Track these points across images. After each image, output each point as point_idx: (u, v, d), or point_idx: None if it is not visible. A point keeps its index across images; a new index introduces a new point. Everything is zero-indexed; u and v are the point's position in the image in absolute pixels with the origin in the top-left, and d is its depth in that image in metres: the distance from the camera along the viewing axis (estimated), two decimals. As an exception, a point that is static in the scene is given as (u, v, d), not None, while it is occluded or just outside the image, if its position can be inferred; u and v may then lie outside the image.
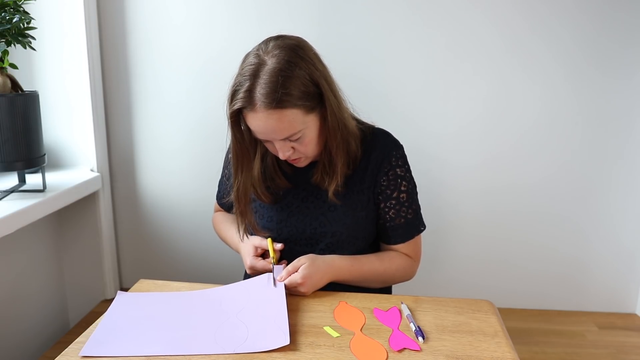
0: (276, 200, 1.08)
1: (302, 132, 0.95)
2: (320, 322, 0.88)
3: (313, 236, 1.06)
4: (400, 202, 1.08)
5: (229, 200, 1.15)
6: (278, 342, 0.78)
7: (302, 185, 1.08)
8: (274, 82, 0.89)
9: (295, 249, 1.07)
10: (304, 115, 0.93)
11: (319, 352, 0.79)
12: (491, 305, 0.96)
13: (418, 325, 0.85)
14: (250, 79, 0.91)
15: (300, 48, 0.95)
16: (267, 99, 0.89)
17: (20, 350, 1.53)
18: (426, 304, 0.95)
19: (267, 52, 0.93)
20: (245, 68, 0.93)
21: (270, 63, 0.91)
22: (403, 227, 1.09)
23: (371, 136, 1.08)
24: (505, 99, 1.68)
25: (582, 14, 1.60)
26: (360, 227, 1.07)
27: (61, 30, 1.60)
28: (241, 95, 0.91)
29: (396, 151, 1.08)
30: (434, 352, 0.80)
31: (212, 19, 1.67)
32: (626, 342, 1.62)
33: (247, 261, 1.06)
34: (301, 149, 0.98)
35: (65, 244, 1.75)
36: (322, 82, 0.95)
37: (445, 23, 1.63)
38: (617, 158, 1.71)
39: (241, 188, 1.04)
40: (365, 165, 1.06)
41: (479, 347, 0.81)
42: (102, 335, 0.82)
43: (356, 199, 1.06)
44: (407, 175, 1.09)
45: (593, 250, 1.78)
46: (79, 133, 1.68)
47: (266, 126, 0.92)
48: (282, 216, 1.07)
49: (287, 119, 0.92)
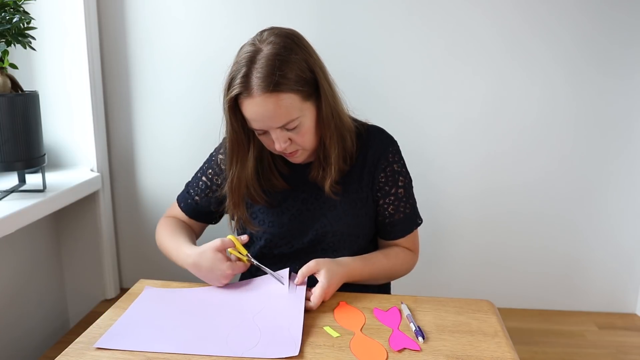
0: (272, 203, 1.06)
1: (299, 121, 0.94)
2: (320, 322, 0.88)
3: (315, 237, 1.06)
4: (399, 197, 1.08)
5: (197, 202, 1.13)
6: (287, 352, 0.78)
7: (300, 187, 1.07)
8: (271, 66, 0.89)
9: (297, 250, 1.07)
10: (301, 101, 0.93)
11: (319, 352, 0.79)
12: (491, 305, 0.96)
13: (418, 325, 0.85)
14: (246, 65, 0.91)
15: (295, 36, 0.96)
16: (263, 82, 0.89)
17: (20, 350, 1.53)
18: (426, 304, 0.95)
19: (262, 40, 0.94)
20: (242, 56, 0.93)
21: (266, 49, 0.91)
22: (402, 222, 1.10)
23: (366, 133, 1.08)
24: (504, 99, 1.68)
25: (581, 14, 1.60)
26: (360, 225, 1.08)
27: (61, 30, 1.60)
28: (238, 82, 0.91)
29: (392, 147, 1.08)
30: (434, 352, 0.80)
31: (212, 19, 1.67)
32: (626, 342, 1.62)
33: (223, 269, 0.95)
34: (298, 140, 0.97)
35: (65, 244, 1.75)
36: (317, 69, 0.96)
37: (444, 24, 1.63)
38: (616, 158, 1.71)
39: (235, 180, 1.03)
40: (362, 163, 1.06)
41: (479, 347, 0.81)
42: (120, 329, 0.83)
43: (355, 197, 1.06)
44: (403, 170, 1.09)
45: (593, 250, 1.78)
46: (79, 133, 1.68)
47: (263, 112, 0.91)
48: (283, 220, 1.06)
49: (284, 104, 0.91)
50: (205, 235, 1.22)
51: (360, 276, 1.03)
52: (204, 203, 1.15)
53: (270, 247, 1.08)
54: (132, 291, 0.99)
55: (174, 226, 1.13)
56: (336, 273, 0.97)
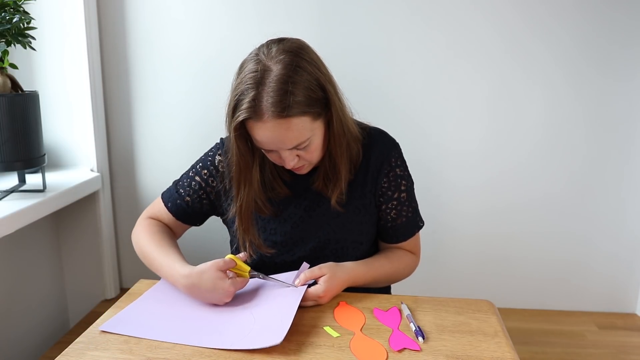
0: (277, 212, 1.05)
1: (310, 140, 0.92)
2: (320, 322, 0.88)
3: (318, 245, 1.05)
4: (401, 201, 1.07)
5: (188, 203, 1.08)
6: (270, 341, 0.78)
7: (303, 194, 1.05)
8: (282, 90, 0.84)
9: (299, 258, 1.06)
10: (312, 122, 0.90)
11: (319, 352, 0.79)
12: (491, 305, 0.96)
13: (418, 325, 0.85)
14: (254, 87, 0.85)
15: (305, 51, 0.91)
16: (276, 107, 0.84)
17: (20, 350, 1.53)
18: (426, 304, 0.95)
19: (270, 57, 0.88)
20: (247, 76, 0.87)
21: (275, 69, 0.86)
22: (404, 226, 1.09)
23: (368, 137, 1.07)
24: (505, 101, 1.68)
25: (580, 15, 1.60)
26: (364, 232, 1.07)
27: (61, 30, 1.60)
28: (246, 106, 0.86)
29: (394, 151, 1.07)
30: (434, 352, 0.79)
31: (212, 19, 1.67)
32: (626, 342, 1.62)
33: (225, 287, 0.88)
34: (307, 157, 0.95)
35: (65, 244, 1.75)
36: (328, 86, 0.92)
37: (445, 24, 1.63)
38: (616, 158, 1.71)
39: (244, 205, 1.00)
40: (365, 168, 1.05)
41: (479, 347, 0.81)
42: (126, 316, 0.87)
43: (359, 204, 1.05)
44: (405, 173, 1.08)
45: (593, 250, 1.78)
46: (79, 133, 1.68)
47: (274, 136, 0.88)
48: (285, 228, 1.04)
49: (297, 128, 0.88)
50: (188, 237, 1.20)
51: (363, 281, 1.02)
52: (195, 205, 1.10)
53: (272, 256, 1.07)
54: (132, 291, 0.99)
55: (161, 234, 1.06)
56: (340, 279, 0.96)
